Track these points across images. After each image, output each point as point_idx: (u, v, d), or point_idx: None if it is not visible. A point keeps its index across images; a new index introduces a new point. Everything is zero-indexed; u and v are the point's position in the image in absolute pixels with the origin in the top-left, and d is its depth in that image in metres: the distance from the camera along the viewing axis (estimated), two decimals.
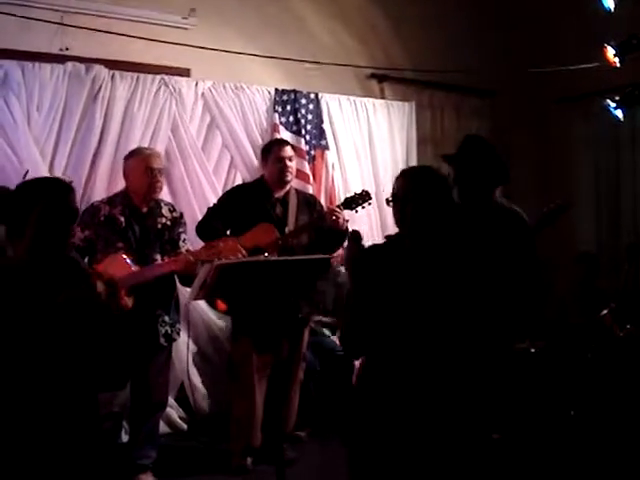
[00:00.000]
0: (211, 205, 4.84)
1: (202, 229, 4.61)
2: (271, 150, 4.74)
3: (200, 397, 5.26)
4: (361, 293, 2.64)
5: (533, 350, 5.24)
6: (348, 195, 4.86)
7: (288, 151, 4.73)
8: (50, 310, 2.41)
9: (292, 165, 4.74)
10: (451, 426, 2.58)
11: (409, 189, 2.72)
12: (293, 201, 4.72)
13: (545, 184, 7.16)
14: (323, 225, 4.59)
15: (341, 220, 4.55)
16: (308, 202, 4.81)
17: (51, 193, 2.53)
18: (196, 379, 5.26)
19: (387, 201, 2.82)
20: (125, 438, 4.56)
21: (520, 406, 4.69)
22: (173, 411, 5.16)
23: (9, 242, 2.58)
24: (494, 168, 3.93)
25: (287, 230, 4.59)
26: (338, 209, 4.62)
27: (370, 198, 4.75)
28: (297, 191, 4.86)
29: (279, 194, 4.70)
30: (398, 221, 2.78)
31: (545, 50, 7.09)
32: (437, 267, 2.66)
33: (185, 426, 5.22)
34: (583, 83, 6.49)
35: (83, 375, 2.48)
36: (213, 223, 4.60)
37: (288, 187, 4.75)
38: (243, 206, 4.61)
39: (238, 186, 5.08)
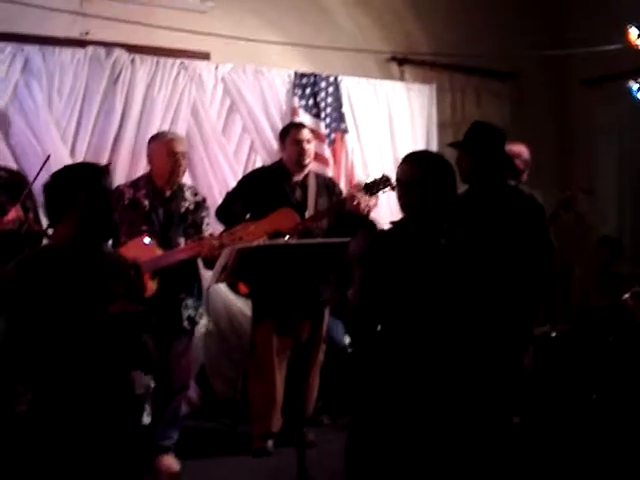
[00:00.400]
0: (230, 189, 4.84)
1: (221, 213, 4.62)
2: (288, 133, 4.73)
3: (220, 379, 5.30)
4: (371, 280, 2.62)
5: (554, 334, 5.23)
6: (368, 180, 4.82)
7: (305, 134, 4.71)
8: (96, 306, 2.46)
9: (310, 148, 4.71)
10: (463, 411, 2.57)
11: (415, 175, 2.70)
12: (312, 185, 4.70)
13: (567, 168, 7.11)
14: (343, 210, 4.57)
15: (362, 205, 4.52)
16: (327, 186, 4.80)
17: (93, 177, 2.56)
18: (216, 362, 5.29)
19: (392, 187, 2.82)
20: (147, 420, 4.59)
21: (541, 390, 4.69)
22: (193, 392, 5.19)
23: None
24: (501, 154, 3.92)
25: (307, 214, 4.59)
26: (359, 194, 4.58)
27: (390, 183, 4.70)
28: (316, 175, 4.85)
29: (298, 177, 4.69)
30: (403, 206, 2.76)
31: (567, 32, 7.01)
32: (444, 252, 2.65)
33: (206, 408, 5.26)
34: (606, 65, 6.42)
35: (118, 356, 2.54)
36: (232, 207, 4.60)
37: (307, 170, 4.73)
38: (262, 190, 4.60)
39: (257, 170, 5.07)
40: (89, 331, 2.41)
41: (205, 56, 5.57)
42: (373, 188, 4.65)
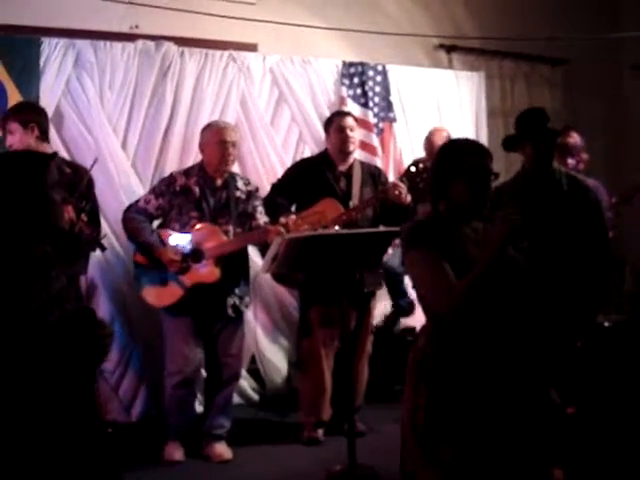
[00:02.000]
0: (276, 181, 4.86)
1: (266, 204, 4.64)
2: (332, 121, 4.72)
3: (271, 369, 5.34)
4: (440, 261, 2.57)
5: (607, 324, 5.15)
6: (412, 169, 4.75)
7: (349, 121, 4.68)
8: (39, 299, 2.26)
9: (354, 135, 4.68)
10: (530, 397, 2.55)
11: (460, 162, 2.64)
12: (357, 174, 4.68)
13: (620, 155, 6.97)
14: (387, 199, 4.53)
15: (404, 194, 4.48)
16: (373, 175, 4.76)
17: (28, 167, 2.31)
18: (267, 351, 5.34)
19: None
20: (199, 408, 4.66)
21: (595, 381, 4.62)
22: (245, 382, 5.25)
23: None
24: (547, 135, 3.88)
25: (351, 204, 4.57)
26: (401, 183, 4.54)
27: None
28: (362, 163, 4.82)
29: (343, 167, 4.67)
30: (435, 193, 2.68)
31: (620, 15, 6.87)
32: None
33: (257, 397, 5.32)
34: None
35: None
36: (278, 199, 4.62)
37: (352, 159, 4.71)
38: (307, 180, 4.60)
39: (301, 160, 5.07)
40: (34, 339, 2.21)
41: (253, 47, 5.60)
42: (417, 177, 4.58)
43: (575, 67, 6.95)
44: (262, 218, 4.39)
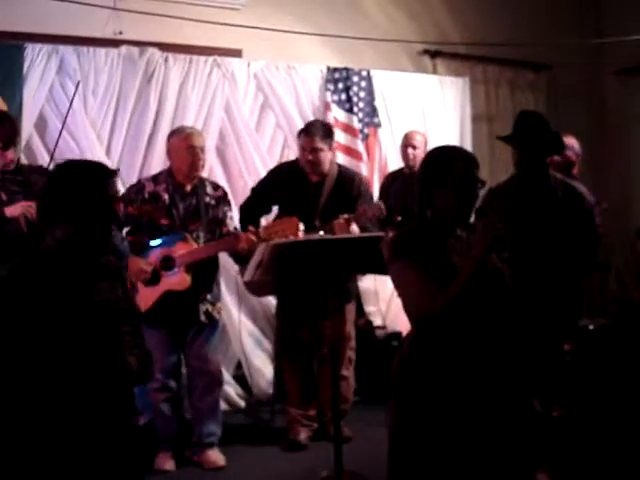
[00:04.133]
0: (255, 184, 4.85)
1: (243, 209, 4.68)
2: (299, 137, 4.65)
3: (257, 375, 5.32)
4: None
5: (592, 327, 5.18)
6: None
7: (311, 144, 4.48)
8: (84, 305, 2.40)
9: (317, 157, 4.48)
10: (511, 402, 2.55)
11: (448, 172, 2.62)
12: (328, 186, 4.56)
13: (603, 159, 7.00)
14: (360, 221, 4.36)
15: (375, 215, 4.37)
16: (345, 183, 4.58)
17: (93, 178, 2.45)
18: (253, 357, 5.32)
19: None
20: (187, 416, 4.62)
21: (580, 383, 4.64)
22: (231, 389, 5.23)
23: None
24: (549, 140, 3.90)
25: (316, 215, 4.46)
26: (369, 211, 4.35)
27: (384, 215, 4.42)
28: (339, 173, 4.62)
29: (316, 178, 4.56)
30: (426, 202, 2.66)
31: (603, 20, 6.91)
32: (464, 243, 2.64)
33: (243, 403, 5.30)
34: None
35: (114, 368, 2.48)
36: (253, 205, 4.65)
37: (326, 171, 4.55)
38: (281, 187, 4.59)
39: (278, 165, 4.98)
40: (87, 335, 2.37)
41: (237, 53, 5.59)
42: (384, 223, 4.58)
43: (558, 72, 6.98)
44: (232, 224, 4.37)
